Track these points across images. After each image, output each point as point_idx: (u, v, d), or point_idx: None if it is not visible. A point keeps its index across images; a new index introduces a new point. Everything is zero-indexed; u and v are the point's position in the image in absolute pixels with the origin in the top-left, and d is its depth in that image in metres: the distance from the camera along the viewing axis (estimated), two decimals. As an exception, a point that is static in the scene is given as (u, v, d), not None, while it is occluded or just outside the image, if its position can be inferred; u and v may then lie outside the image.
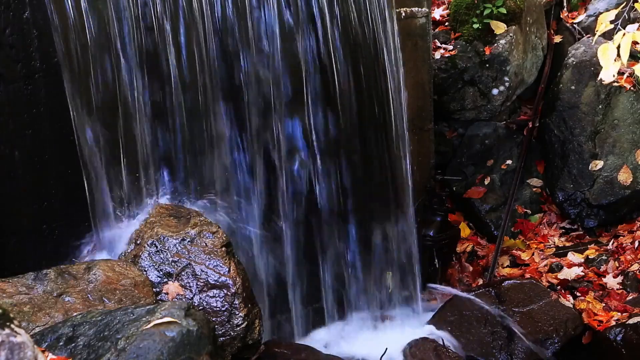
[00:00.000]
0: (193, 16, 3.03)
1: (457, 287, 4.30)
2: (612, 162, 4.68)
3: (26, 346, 1.41)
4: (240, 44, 3.18)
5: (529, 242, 4.72)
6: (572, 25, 5.24)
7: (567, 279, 4.30)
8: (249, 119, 3.29)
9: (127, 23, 2.88)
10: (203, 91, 3.12)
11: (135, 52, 2.92)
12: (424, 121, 4.38)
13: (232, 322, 2.68)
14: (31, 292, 2.47)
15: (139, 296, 2.56)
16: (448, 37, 4.92)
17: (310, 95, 3.42)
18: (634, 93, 4.71)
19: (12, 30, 2.65)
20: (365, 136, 3.69)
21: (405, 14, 4.04)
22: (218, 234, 2.83)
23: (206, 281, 2.72)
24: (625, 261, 4.34)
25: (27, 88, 2.72)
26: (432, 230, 4.26)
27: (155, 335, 1.95)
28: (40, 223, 2.83)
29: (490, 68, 4.81)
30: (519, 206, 4.84)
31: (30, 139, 2.75)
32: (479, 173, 4.87)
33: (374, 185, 3.81)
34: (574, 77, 4.88)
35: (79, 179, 2.88)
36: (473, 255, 4.64)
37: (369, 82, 3.64)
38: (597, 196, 4.66)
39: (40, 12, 2.70)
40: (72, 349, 2.05)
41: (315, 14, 3.36)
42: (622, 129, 4.70)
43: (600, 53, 2.76)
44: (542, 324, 3.73)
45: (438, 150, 4.72)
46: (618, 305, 4.00)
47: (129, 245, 2.83)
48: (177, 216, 2.93)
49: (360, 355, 3.52)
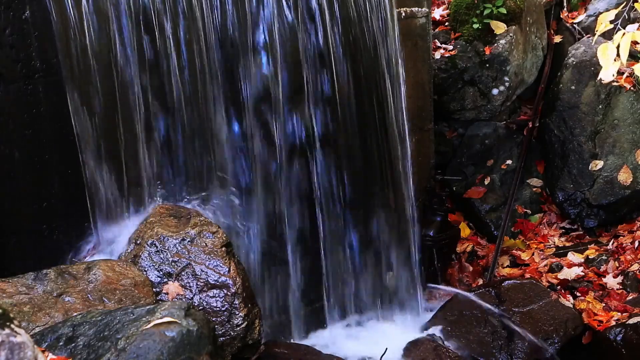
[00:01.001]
0: (193, 15, 3.03)
1: (457, 287, 4.29)
2: (612, 162, 4.68)
3: (26, 346, 1.41)
4: (240, 45, 3.19)
5: (529, 242, 4.71)
6: (572, 25, 5.24)
7: (567, 279, 4.30)
8: (249, 119, 3.29)
9: (127, 22, 2.88)
10: (203, 90, 3.12)
11: (135, 52, 2.92)
12: (424, 121, 4.38)
13: (232, 322, 2.68)
14: (31, 292, 2.47)
15: (139, 296, 2.56)
16: (448, 37, 4.92)
17: (310, 95, 3.42)
18: (634, 93, 4.71)
19: (12, 30, 2.65)
20: (366, 136, 3.69)
21: (405, 14, 4.04)
22: (218, 234, 2.83)
23: (206, 281, 2.72)
24: (625, 261, 4.34)
25: (27, 88, 2.71)
26: (432, 230, 4.26)
27: (155, 335, 1.95)
28: (40, 223, 2.83)
29: (490, 68, 4.81)
30: (519, 206, 4.84)
31: (30, 139, 2.75)
32: (479, 173, 4.87)
33: (374, 185, 3.81)
34: (574, 77, 4.88)
35: (79, 179, 2.87)
36: (473, 255, 4.64)
37: (368, 83, 3.64)
38: (597, 196, 4.66)
39: (40, 12, 2.70)
40: (72, 349, 2.05)
41: (315, 14, 3.35)
42: (622, 129, 4.70)
43: (600, 53, 2.76)
44: (542, 324, 3.74)
45: (438, 150, 4.72)
46: (618, 305, 4.00)
47: (129, 245, 2.83)
48: (177, 216, 2.93)
49: (360, 355, 3.51)
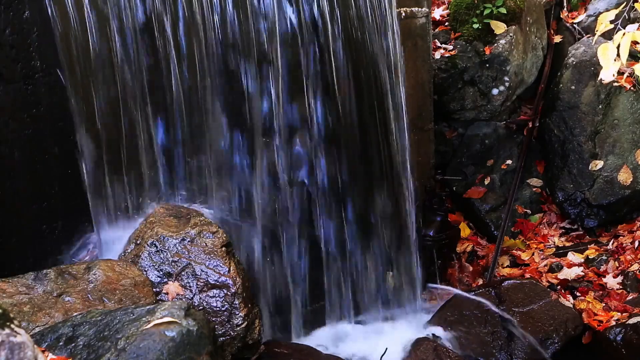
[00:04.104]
0: (193, 15, 3.03)
1: (457, 287, 4.29)
2: (612, 162, 4.68)
3: (26, 346, 1.41)
4: (240, 45, 3.19)
5: (529, 242, 4.71)
6: (572, 25, 5.24)
7: (567, 279, 4.30)
8: (249, 118, 3.29)
9: (127, 22, 2.88)
10: (203, 89, 3.12)
11: (136, 51, 2.92)
12: (424, 121, 4.38)
13: (232, 322, 2.68)
14: (31, 292, 2.47)
15: (139, 296, 2.56)
16: (448, 37, 4.92)
17: (310, 95, 3.42)
18: (634, 93, 4.71)
19: (12, 30, 2.64)
20: (366, 135, 3.69)
21: (405, 14, 4.04)
22: (218, 234, 2.83)
23: (206, 281, 2.72)
24: (625, 261, 4.34)
25: (27, 88, 2.71)
26: (432, 230, 4.26)
27: (155, 335, 1.96)
28: (40, 223, 2.83)
29: (490, 68, 4.81)
30: (519, 206, 4.84)
31: (30, 139, 2.75)
32: (479, 173, 4.87)
33: (374, 185, 3.81)
34: (574, 77, 4.88)
35: (79, 179, 2.87)
36: (473, 255, 4.64)
37: (369, 82, 3.64)
38: (597, 196, 4.66)
39: (41, 12, 2.69)
40: (72, 349, 2.05)
41: (315, 14, 3.35)
42: (622, 129, 4.70)
43: (600, 53, 2.77)
44: (542, 323, 3.73)
45: (438, 150, 4.72)
46: (618, 305, 4.00)
47: (129, 245, 2.83)
48: (177, 216, 2.93)
49: (360, 355, 3.51)
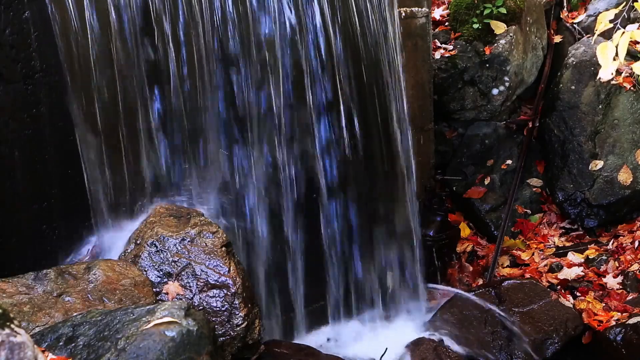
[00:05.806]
0: (193, 14, 3.03)
1: (457, 287, 4.29)
2: (612, 162, 4.68)
3: (26, 346, 1.41)
4: (240, 45, 3.19)
5: (529, 242, 4.71)
6: (572, 25, 5.24)
7: (567, 279, 4.30)
8: (249, 119, 3.29)
9: (128, 21, 2.88)
10: (202, 88, 3.12)
11: (136, 51, 2.92)
12: (424, 121, 4.38)
13: (232, 322, 2.67)
14: (31, 292, 2.47)
15: (139, 296, 2.56)
16: (448, 37, 4.92)
17: (311, 95, 3.42)
18: (633, 93, 4.71)
19: (12, 30, 2.64)
20: (366, 135, 3.69)
21: (405, 14, 4.04)
22: (218, 234, 2.83)
23: (206, 281, 2.72)
24: (625, 261, 4.34)
25: (27, 88, 2.71)
26: (432, 230, 4.27)
27: (155, 335, 1.95)
28: (40, 223, 2.83)
29: (490, 68, 4.81)
30: (519, 206, 4.84)
31: (30, 139, 2.75)
32: (479, 173, 4.87)
33: (375, 185, 3.81)
34: (574, 77, 4.88)
35: (79, 179, 2.87)
36: (473, 255, 4.64)
37: (369, 82, 3.64)
38: (597, 196, 4.66)
39: (40, 12, 2.69)
40: (72, 349, 2.05)
41: (315, 14, 3.35)
42: (622, 128, 4.70)
43: (599, 52, 2.77)
44: (542, 324, 3.74)
45: (438, 150, 4.72)
46: (618, 305, 4.00)
47: (129, 245, 2.83)
48: (177, 216, 2.93)
49: (360, 355, 3.52)
